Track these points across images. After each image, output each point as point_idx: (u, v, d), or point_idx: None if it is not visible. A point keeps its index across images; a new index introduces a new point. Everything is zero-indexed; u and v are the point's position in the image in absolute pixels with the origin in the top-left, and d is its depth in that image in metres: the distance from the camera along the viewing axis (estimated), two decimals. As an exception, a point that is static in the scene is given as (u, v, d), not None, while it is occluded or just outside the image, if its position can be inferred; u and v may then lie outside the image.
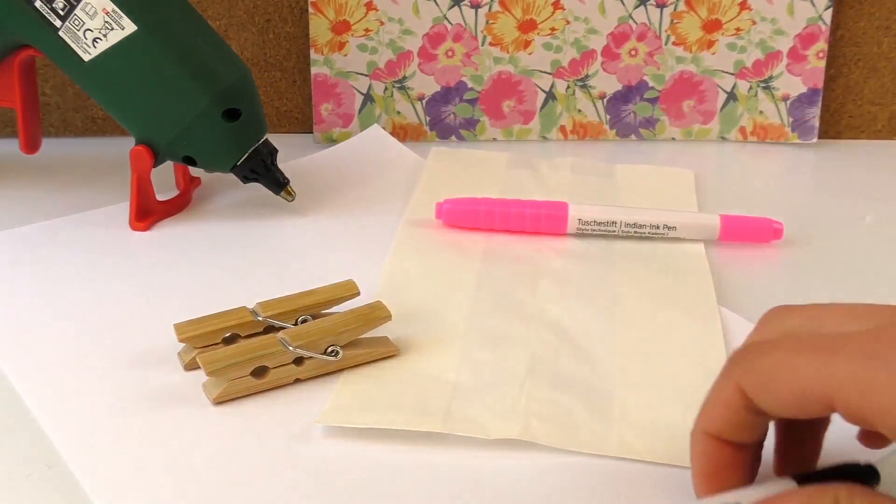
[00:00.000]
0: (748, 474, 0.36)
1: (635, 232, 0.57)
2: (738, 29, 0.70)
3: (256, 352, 0.43)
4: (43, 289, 0.52)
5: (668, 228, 0.57)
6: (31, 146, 0.61)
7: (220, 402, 0.43)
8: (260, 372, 0.44)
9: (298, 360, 0.44)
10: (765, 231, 0.58)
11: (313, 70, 0.71)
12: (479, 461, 0.40)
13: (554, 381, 0.45)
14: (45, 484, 0.39)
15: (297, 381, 0.45)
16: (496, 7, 0.69)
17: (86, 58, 0.55)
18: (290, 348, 0.44)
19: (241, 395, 0.43)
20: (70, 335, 0.48)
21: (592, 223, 0.56)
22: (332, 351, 0.45)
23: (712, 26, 0.70)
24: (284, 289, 0.48)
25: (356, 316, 0.46)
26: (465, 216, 0.57)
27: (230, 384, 0.43)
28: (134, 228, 0.59)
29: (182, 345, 0.46)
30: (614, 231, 0.56)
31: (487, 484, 0.39)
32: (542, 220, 0.57)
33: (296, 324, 0.47)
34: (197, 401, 0.43)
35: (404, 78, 0.71)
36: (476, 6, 0.69)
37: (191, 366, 0.45)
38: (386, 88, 0.71)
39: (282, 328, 0.46)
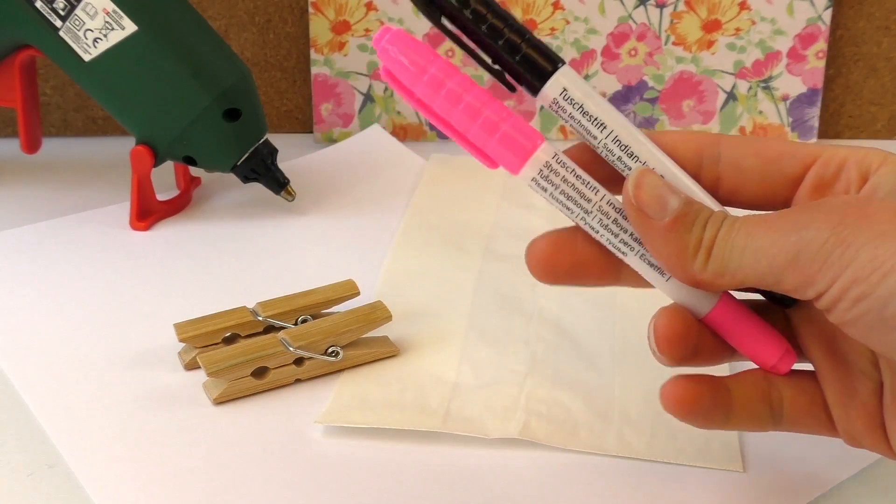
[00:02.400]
0: None
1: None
2: (737, 29, 0.70)
3: (257, 352, 0.43)
4: (43, 289, 0.52)
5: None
6: (31, 146, 0.61)
7: (220, 402, 0.43)
8: (260, 372, 0.44)
9: (299, 361, 0.44)
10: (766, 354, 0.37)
11: (313, 70, 0.71)
12: (478, 460, 0.40)
13: (554, 381, 0.45)
14: (45, 484, 0.39)
15: (298, 381, 0.45)
16: (496, 7, 0.69)
17: (86, 58, 0.56)
18: (291, 349, 0.44)
19: (242, 395, 0.44)
20: (70, 335, 0.48)
21: (561, 181, 0.36)
22: (333, 351, 0.45)
23: (712, 26, 0.70)
24: (284, 289, 0.48)
25: (357, 316, 0.46)
26: (401, 68, 0.36)
27: (231, 384, 0.43)
28: (134, 228, 0.59)
29: (182, 344, 0.46)
30: (583, 212, 0.36)
31: (487, 483, 0.39)
32: (500, 136, 0.36)
33: (296, 324, 0.47)
34: (197, 401, 0.43)
35: (404, 78, 0.71)
36: (476, 6, 0.69)
37: (191, 365, 0.45)
38: (386, 88, 0.71)
39: (282, 328, 0.46)
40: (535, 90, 0.36)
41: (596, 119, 0.36)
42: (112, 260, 0.55)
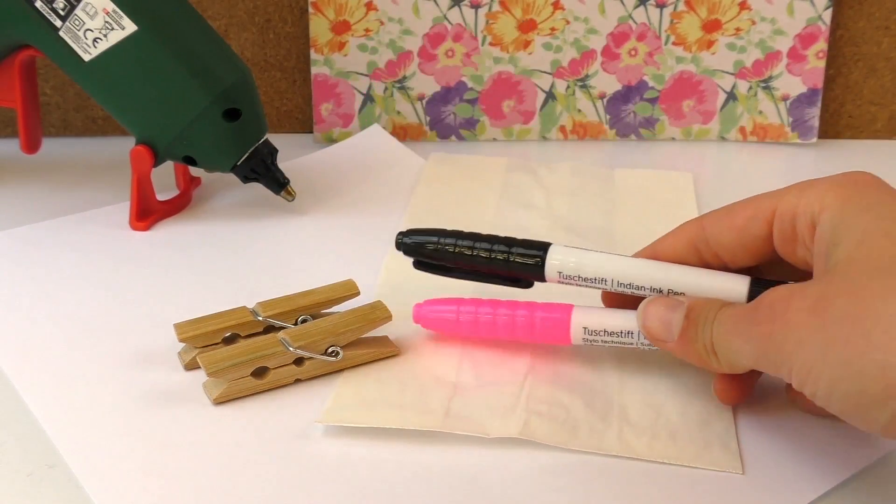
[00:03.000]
0: None
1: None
2: (737, 29, 0.70)
3: (257, 352, 0.43)
4: (43, 289, 0.52)
5: None
6: (31, 146, 0.61)
7: (220, 402, 0.43)
8: (260, 372, 0.44)
9: (299, 361, 0.44)
10: None
11: (313, 70, 0.71)
12: (478, 460, 0.40)
13: (554, 381, 0.45)
14: (45, 484, 0.39)
15: (298, 381, 0.45)
16: (496, 7, 0.69)
17: (86, 58, 0.56)
18: (291, 349, 0.44)
19: (242, 395, 0.44)
20: (70, 335, 0.48)
21: (602, 332, 0.43)
22: (333, 351, 0.45)
23: (712, 26, 0.70)
24: (284, 289, 0.48)
25: (357, 316, 0.46)
26: (442, 322, 0.47)
27: (231, 384, 0.43)
28: (134, 228, 0.59)
29: (182, 345, 0.46)
30: (632, 343, 0.43)
31: (487, 483, 0.39)
32: (538, 328, 0.45)
33: (296, 324, 0.47)
34: (197, 401, 0.43)
35: (404, 78, 0.71)
36: (476, 6, 0.69)
37: (191, 366, 0.45)
38: (386, 88, 0.71)
39: (282, 328, 0.46)
40: (541, 279, 0.45)
41: (594, 279, 0.43)
42: (112, 260, 0.55)
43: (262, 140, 0.59)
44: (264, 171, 0.59)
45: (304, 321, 0.47)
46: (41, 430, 0.42)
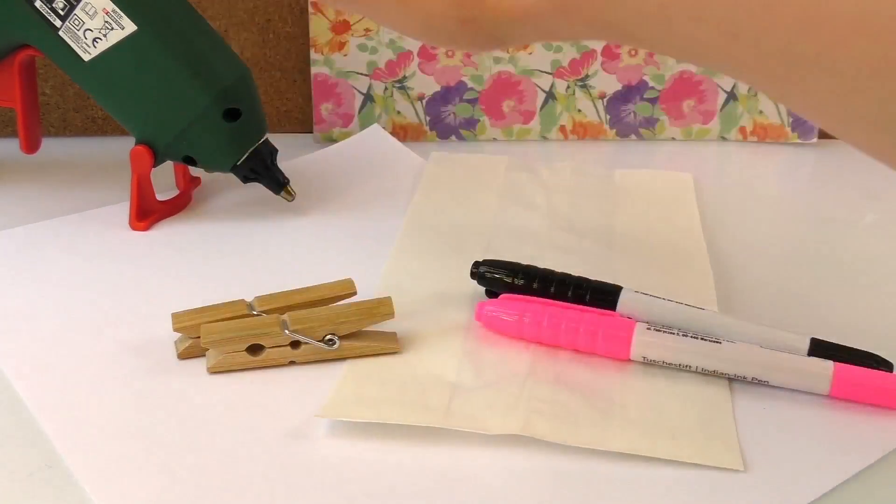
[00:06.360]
0: None
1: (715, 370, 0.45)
2: (737, 29, 0.70)
3: (255, 329, 0.44)
4: (43, 289, 0.52)
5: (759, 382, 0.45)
6: (31, 146, 0.61)
7: (214, 372, 0.44)
8: (256, 350, 0.45)
9: (295, 344, 0.45)
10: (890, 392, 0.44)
11: (313, 70, 0.71)
12: (479, 460, 0.40)
13: (554, 381, 0.45)
14: (45, 484, 0.39)
15: (293, 363, 0.45)
16: (496, 7, 0.69)
17: (86, 58, 0.55)
18: (287, 331, 0.44)
19: (236, 368, 0.45)
20: (70, 335, 0.48)
21: (661, 363, 0.45)
22: (330, 340, 0.45)
23: (712, 26, 0.70)
24: (284, 288, 0.48)
25: (359, 309, 0.46)
26: (506, 325, 0.47)
27: (225, 357, 0.44)
28: (134, 228, 0.59)
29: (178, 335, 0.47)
30: (690, 368, 0.45)
31: (488, 482, 0.39)
32: (600, 341, 0.46)
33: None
34: (197, 401, 0.43)
35: (404, 78, 0.71)
36: (476, 6, 0.69)
37: (184, 355, 0.46)
38: (386, 88, 0.71)
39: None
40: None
41: (662, 326, 0.46)
42: (112, 260, 0.55)
43: (262, 140, 0.59)
44: (264, 171, 0.59)
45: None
46: (41, 430, 0.42)
